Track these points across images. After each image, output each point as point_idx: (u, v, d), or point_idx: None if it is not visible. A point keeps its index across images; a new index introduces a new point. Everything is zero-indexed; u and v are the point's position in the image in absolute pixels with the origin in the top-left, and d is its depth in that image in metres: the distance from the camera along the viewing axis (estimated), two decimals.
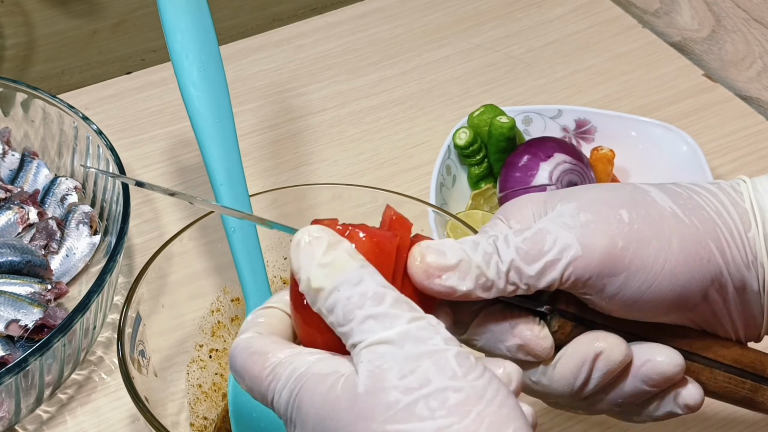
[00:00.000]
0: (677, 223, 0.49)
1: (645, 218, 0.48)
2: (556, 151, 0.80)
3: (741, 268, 0.49)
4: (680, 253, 0.48)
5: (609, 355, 0.48)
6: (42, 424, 0.71)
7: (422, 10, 1.07)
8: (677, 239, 0.48)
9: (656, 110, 0.95)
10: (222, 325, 0.71)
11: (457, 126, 0.84)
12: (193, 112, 0.68)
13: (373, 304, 0.42)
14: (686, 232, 0.48)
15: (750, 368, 0.51)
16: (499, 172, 0.83)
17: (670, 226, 0.48)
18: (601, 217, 0.48)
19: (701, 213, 0.49)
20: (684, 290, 0.48)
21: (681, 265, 0.48)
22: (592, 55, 1.01)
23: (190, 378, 0.68)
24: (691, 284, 0.48)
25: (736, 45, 0.99)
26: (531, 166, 0.80)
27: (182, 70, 0.68)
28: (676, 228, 0.48)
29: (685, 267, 0.48)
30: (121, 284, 0.79)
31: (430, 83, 0.99)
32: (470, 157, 0.83)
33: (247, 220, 0.55)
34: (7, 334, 0.71)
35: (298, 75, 1.00)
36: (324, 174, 0.89)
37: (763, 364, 0.51)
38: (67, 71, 1.01)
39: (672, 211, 0.49)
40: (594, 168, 0.82)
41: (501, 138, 0.82)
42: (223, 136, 0.69)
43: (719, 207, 0.50)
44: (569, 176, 0.79)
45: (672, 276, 0.48)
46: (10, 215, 0.78)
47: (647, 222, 0.48)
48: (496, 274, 0.46)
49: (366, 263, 0.43)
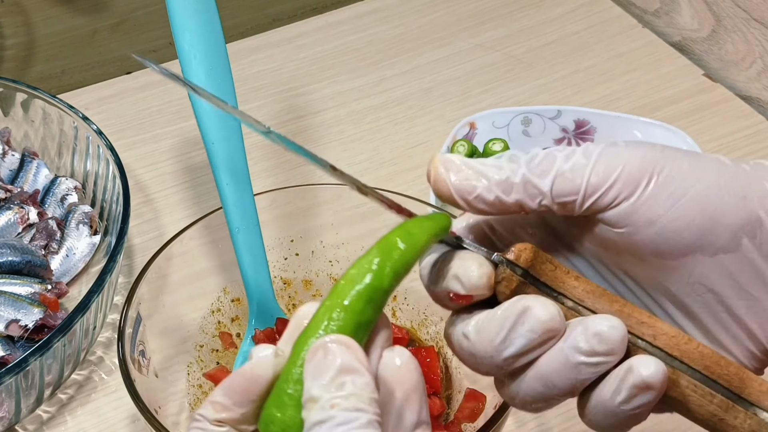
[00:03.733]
0: (716, 161, 0.45)
1: (679, 150, 0.45)
2: None
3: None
4: (715, 180, 0.44)
5: (534, 313, 0.43)
6: (42, 424, 0.71)
7: (422, 10, 1.07)
8: (713, 170, 0.45)
9: (656, 110, 0.95)
10: (222, 324, 0.71)
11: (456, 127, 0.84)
12: (200, 111, 0.68)
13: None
14: (724, 167, 0.45)
15: (725, 381, 0.43)
16: None
17: (707, 160, 0.45)
18: (635, 143, 0.45)
19: (747, 164, 0.46)
20: (713, 219, 0.44)
21: (714, 189, 0.44)
22: (592, 55, 1.01)
23: (190, 378, 0.68)
24: (722, 214, 0.44)
25: (736, 45, 0.99)
26: None
27: (190, 69, 0.68)
28: (714, 163, 0.45)
29: (718, 193, 0.44)
30: (121, 284, 0.79)
31: (430, 83, 0.99)
32: None
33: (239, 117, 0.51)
34: (7, 334, 0.71)
35: (298, 75, 1.00)
36: (324, 174, 0.89)
37: (743, 381, 0.43)
38: (67, 71, 1.01)
39: (717, 158, 0.46)
40: None
41: None
42: (229, 135, 0.69)
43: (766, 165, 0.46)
44: None
45: (702, 197, 0.44)
46: (10, 215, 0.78)
47: (681, 151, 0.45)
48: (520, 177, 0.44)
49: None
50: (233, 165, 0.69)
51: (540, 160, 0.45)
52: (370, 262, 0.42)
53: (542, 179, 0.44)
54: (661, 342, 0.43)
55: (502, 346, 0.44)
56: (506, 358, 0.44)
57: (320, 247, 0.73)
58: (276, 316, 0.69)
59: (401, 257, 0.42)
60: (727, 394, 0.43)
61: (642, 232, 0.44)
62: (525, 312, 0.43)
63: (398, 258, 0.42)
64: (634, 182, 0.44)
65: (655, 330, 0.44)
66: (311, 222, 0.72)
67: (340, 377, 0.39)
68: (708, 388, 0.43)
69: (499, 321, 0.44)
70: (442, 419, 0.65)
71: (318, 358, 0.39)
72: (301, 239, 0.73)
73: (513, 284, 0.45)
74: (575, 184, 0.44)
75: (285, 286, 0.73)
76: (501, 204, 0.45)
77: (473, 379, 0.64)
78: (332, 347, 0.39)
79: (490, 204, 0.45)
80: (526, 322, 0.43)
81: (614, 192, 0.44)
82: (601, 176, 0.44)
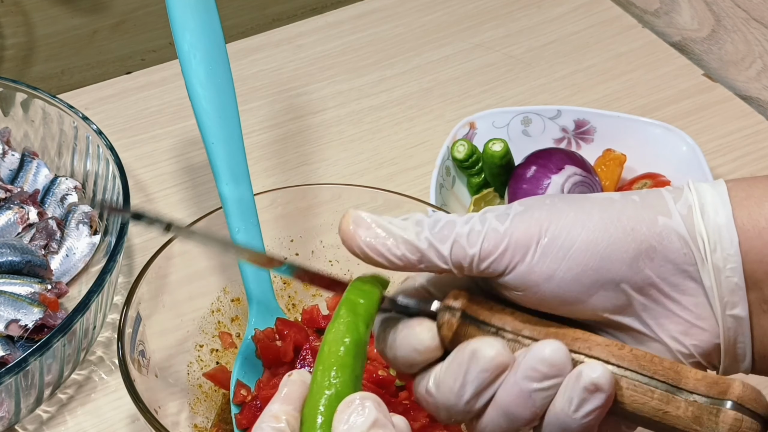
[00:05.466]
0: (604, 201, 0.48)
1: (566, 200, 0.49)
2: (567, 163, 0.79)
3: (681, 244, 0.47)
4: (600, 221, 0.47)
5: (482, 354, 0.47)
6: (42, 424, 0.71)
7: (422, 10, 1.07)
8: (599, 211, 0.48)
9: (656, 110, 0.95)
10: (222, 324, 0.71)
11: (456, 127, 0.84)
12: (200, 111, 0.68)
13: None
14: (611, 205, 0.48)
15: (661, 376, 0.46)
16: (496, 187, 0.83)
17: (594, 203, 0.48)
18: (524, 205, 0.48)
19: (638, 194, 0.49)
20: (605, 258, 0.47)
21: (600, 231, 0.47)
22: (592, 55, 1.02)
23: (190, 378, 0.68)
24: (614, 251, 0.47)
25: (736, 45, 0.99)
26: (540, 178, 0.79)
27: (190, 69, 0.68)
28: (601, 204, 0.48)
29: (605, 234, 0.47)
30: (121, 284, 0.79)
31: (430, 83, 0.99)
32: (469, 169, 0.83)
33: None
34: (7, 334, 0.71)
35: (298, 75, 1.00)
36: (324, 174, 0.89)
37: (678, 373, 0.46)
38: (67, 71, 1.01)
39: (605, 196, 0.49)
40: (604, 169, 0.82)
41: (494, 165, 0.82)
42: (229, 135, 0.69)
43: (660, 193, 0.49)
44: (580, 188, 0.79)
45: (591, 242, 0.47)
46: (10, 215, 0.78)
47: (568, 201, 0.48)
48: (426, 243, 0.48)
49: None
50: (233, 165, 0.69)
51: (441, 226, 0.48)
52: (344, 323, 0.47)
53: (442, 244, 0.48)
54: (597, 352, 0.47)
55: (461, 392, 0.48)
56: (467, 401, 0.48)
57: (320, 247, 0.73)
58: (276, 316, 0.69)
59: (366, 310, 0.48)
60: (665, 387, 0.46)
61: (544, 288, 0.48)
62: (474, 354, 0.47)
63: (363, 312, 0.48)
64: (523, 247, 0.47)
65: (590, 342, 0.47)
66: (311, 222, 0.72)
67: (373, 430, 0.43)
68: (647, 385, 0.46)
69: (453, 370, 0.48)
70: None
71: (352, 411, 0.44)
72: (301, 239, 0.73)
73: (454, 326, 0.48)
74: (469, 252, 0.48)
75: (285, 286, 0.73)
76: (407, 262, 0.48)
77: None
78: (367, 404, 0.44)
79: (396, 262, 0.48)
80: (477, 363, 0.47)
81: (507, 258, 0.47)
82: (492, 244, 0.47)
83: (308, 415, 0.45)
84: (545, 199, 0.49)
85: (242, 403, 0.65)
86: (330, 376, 0.45)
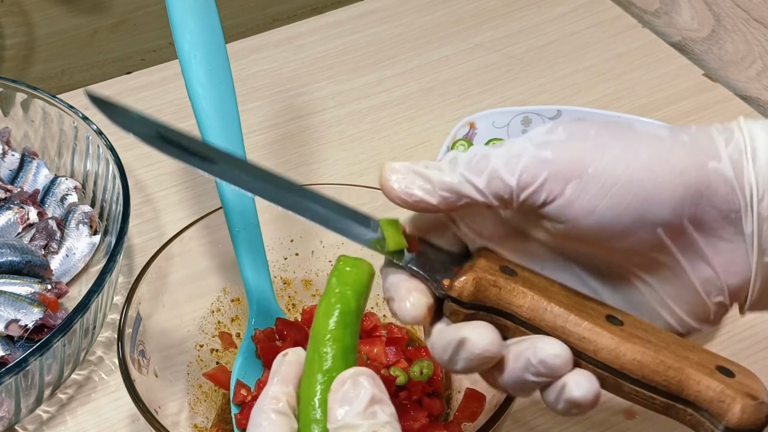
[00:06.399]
0: (651, 138, 0.47)
1: (612, 132, 0.47)
2: None
3: (728, 190, 0.46)
4: (648, 161, 0.46)
5: (471, 344, 0.47)
6: (42, 424, 0.71)
7: (422, 10, 1.07)
8: (646, 148, 0.46)
9: (656, 110, 0.95)
10: (222, 324, 0.71)
11: (456, 127, 0.84)
12: (200, 111, 0.68)
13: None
14: (660, 144, 0.47)
15: (663, 386, 0.46)
16: None
17: (641, 139, 0.47)
18: (567, 132, 0.47)
19: (687, 133, 0.47)
20: (649, 199, 0.46)
21: (647, 171, 0.46)
22: (592, 55, 1.02)
23: (190, 378, 0.68)
24: (659, 193, 0.46)
25: (736, 45, 0.99)
26: None
27: (190, 69, 0.68)
28: (649, 141, 0.47)
29: (651, 174, 0.46)
30: (121, 284, 0.79)
31: (430, 83, 0.99)
32: None
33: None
34: (7, 334, 0.71)
35: (298, 75, 1.00)
36: (324, 174, 0.89)
37: (681, 383, 0.46)
38: (67, 71, 1.01)
39: (652, 132, 0.47)
40: None
41: None
42: (229, 135, 0.69)
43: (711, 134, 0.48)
44: None
45: (635, 182, 0.46)
46: (10, 215, 0.78)
47: (615, 134, 0.47)
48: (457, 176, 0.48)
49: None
50: None
51: (478, 159, 0.48)
52: (332, 294, 0.47)
53: (478, 177, 0.47)
54: (602, 356, 0.47)
55: (450, 364, 0.48)
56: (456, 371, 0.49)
57: (320, 247, 0.73)
58: (276, 316, 0.69)
59: (355, 279, 0.47)
60: (666, 396, 0.46)
61: (583, 222, 0.47)
62: (463, 342, 0.47)
63: (353, 280, 0.47)
64: (562, 181, 0.46)
65: (596, 345, 0.47)
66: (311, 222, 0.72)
67: (371, 407, 0.43)
68: (648, 392, 0.47)
69: (444, 343, 0.48)
70: (442, 419, 0.65)
71: (347, 389, 0.44)
72: (301, 239, 0.73)
73: (461, 317, 0.49)
74: (507, 184, 0.47)
75: (285, 286, 0.73)
76: (448, 202, 0.48)
77: (473, 379, 0.64)
78: (361, 380, 0.44)
79: (437, 203, 0.48)
80: (465, 350, 0.47)
81: (546, 191, 0.46)
82: (531, 176, 0.46)
83: (304, 394, 0.44)
84: (590, 128, 0.47)
85: (242, 403, 0.65)
86: (322, 352, 0.45)
